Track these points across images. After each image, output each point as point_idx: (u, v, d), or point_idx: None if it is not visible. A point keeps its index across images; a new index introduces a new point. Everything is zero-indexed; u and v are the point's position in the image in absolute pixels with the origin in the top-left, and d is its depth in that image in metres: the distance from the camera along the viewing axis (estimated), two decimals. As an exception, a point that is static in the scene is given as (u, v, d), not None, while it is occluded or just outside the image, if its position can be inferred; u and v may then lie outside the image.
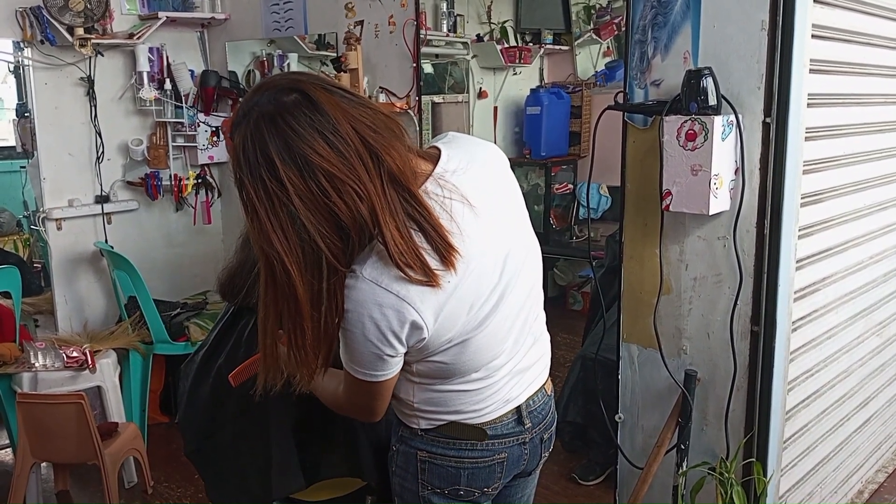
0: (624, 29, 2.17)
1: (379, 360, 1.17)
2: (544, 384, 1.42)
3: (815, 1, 1.89)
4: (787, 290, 1.97)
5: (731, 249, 1.96)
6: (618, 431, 2.29)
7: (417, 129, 3.08)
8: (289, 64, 3.68)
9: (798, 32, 1.82)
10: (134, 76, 3.60)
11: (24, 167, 4.09)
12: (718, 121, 1.84)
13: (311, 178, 1.05)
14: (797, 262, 2.01)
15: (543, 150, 4.32)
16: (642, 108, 2.05)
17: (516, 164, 4.20)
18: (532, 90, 4.38)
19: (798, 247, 2.00)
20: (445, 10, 3.87)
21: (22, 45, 3.31)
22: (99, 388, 2.97)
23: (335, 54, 3.30)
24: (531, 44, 4.45)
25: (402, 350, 1.17)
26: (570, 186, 4.52)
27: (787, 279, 1.96)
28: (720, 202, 1.91)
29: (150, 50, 3.60)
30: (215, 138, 3.82)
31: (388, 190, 1.08)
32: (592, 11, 4.42)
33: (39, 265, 4.18)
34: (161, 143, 3.75)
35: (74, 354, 2.91)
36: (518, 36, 4.41)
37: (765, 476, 2.00)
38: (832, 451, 2.47)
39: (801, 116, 1.88)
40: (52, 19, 3.23)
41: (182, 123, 3.74)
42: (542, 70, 4.61)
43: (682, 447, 2.05)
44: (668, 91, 2.00)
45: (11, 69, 4.06)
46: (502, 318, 1.24)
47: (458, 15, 4.01)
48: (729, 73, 1.90)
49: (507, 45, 4.30)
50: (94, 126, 3.54)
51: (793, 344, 2.07)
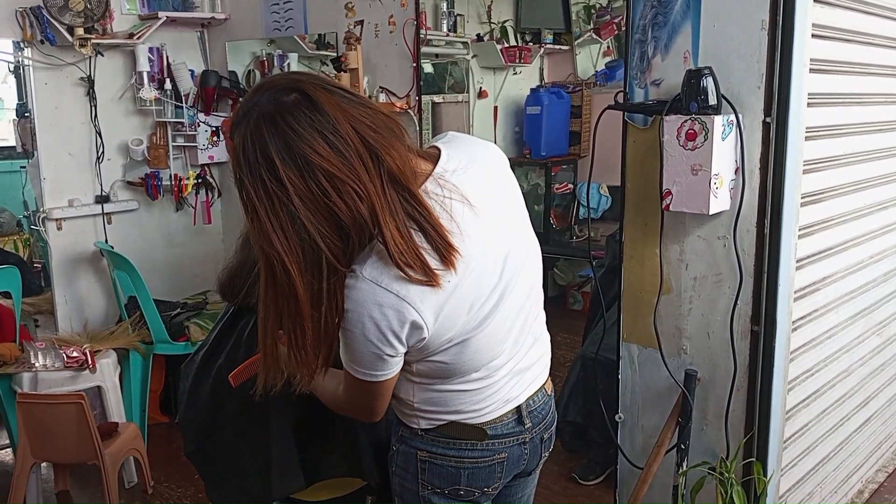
0: (624, 28, 2.17)
1: (379, 359, 1.17)
2: (544, 384, 1.42)
3: (815, 0, 1.89)
4: (787, 290, 1.97)
5: (731, 249, 1.96)
6: (618, 431, 2.29)
7: (417, 128, 3.08)
8: (289, 64, 3.67)
9: (798, 32, 1.82)
10: (134, 76, 3.60)
11: (24, 167, 4.09)
12: (718, 120, 1.84)
13: (311, 178, 1.05)
14: (797, 261, 2.01)
15: (543, 149, 4.32)
16: (642, 107, 2.05)
17: (516, 164, 4.20)
18: (532, 90, 4.38)
19: (798, 246, 2.00)
20: (445, 9, 3.87)
21: (22, 45, 3.31)
22: (99, 388, 2.97)
23: (335, 54, 3.30)
24: (531, 43, 4.45)
25: (402, 350, 1.17)
26: (570, 186, 4.52)
27: (787, 279, 1.96)
28: (720, 202, 1.91)
29: (150, 50, 3.60)
30: (215, 138, 3.82)
31: (388, 190, 1.08)
32: (592, 11, 4.41)
33: (39, 265, 4.18)
34: (161, 143, 3.75)
35: (74, 354, 2.91)
36: (518, 36, 4.40)
37: (765, 476, 2.00)
38: (832, 450, 2.47)
39: (801, 116, 1.88)
40: (52, 19, 3.23)
41: (182, 123, 3.74)
42: (542, 70, 4.61)
43: (682, 447, 2.05)
44: (669, 91, 2.00)
45: (11, 69, 4.06)
46: (502, 317, 1.24)
47: (458, 15, 4.01)
48: (729, 72, 1.90)
49: (507, 45, 4.30)
50: (95, 126, 3.54)
51: (793, 344, 2.07)
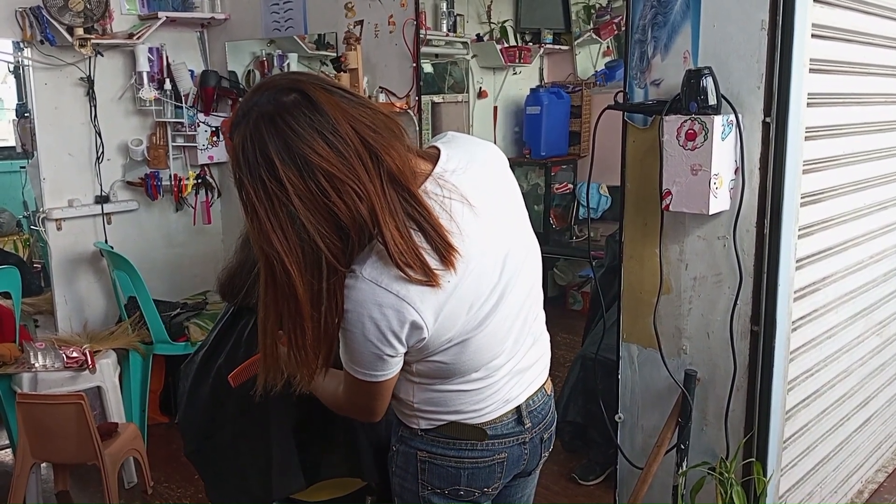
0: (624, 28, 2.17)
1: (379, 360, 1.17)
2: (544, 384, 1.42)
3: (815, 0, 1.89)
4: (786, 290, 1.97)
5: (731, 249, 1.96)
6: (618, 431, 2.29)
7: (417, 128, 3.08)
8: (288, 64, 3.67)
9: (798, 32, 1.82)
10: (134, 76, 3.59)
11: (23, 167, 4.09)
12: (718, 120, 1.84)
13: (310, 178, 1.05)
14: (797, 261, 2.01)
15: (543, 149, 4.31)
16: (642, 107, 2.05)
17: (516, 164, 4.20)
18: (532, 90, 4.38)
19: (798, 246, 2.00)
20: (445, 9, 3.87)
21: (22, 45, 3.31)
22: (99, 388, 2.97)
23: (335, 54, 3.30)
24: (531, 43, 4.45)
25: (402, 350, 1.17)
26: (570, 186, 4.52)
27: (787, 279, 1.96)
28: (720, 202, 1.91)
29: (150, 50, 3.60)
30: (215, 138, 3.82)
31: (388, 190, 1.08)
32: (592, 11, 4.41)
33: (39, 265, 4.18)
34: (161, 143, 3.75)
35: (74, 355, 2.90)
36: (518, 36, 4.40)
37: (765, 476, 2.00)
38: (832, 450, 2.47)
39: (800, 116, 1.88)
40: (51, 19, 3.23)
41: (182, 123, 3.74)
42: (541, 70, 4.61)
43: (682, 447, 2.05)
44: (668, 91, 2.00)
45: (11, 69, 4.06)
46: (502, 317, 1.24)
47: (458, 15, 4.00)
48: (729, 72, 1.90)
49: (506, 45, 4.29)
50: (94, 126, 3.54)
51: (793, 344, 2.07)
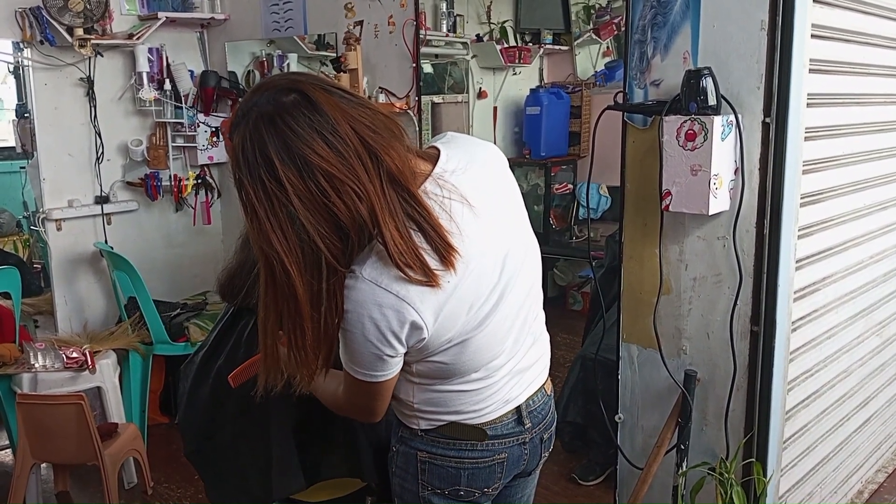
0: (623, 29, 2.17)
1: (379, 360, 1.17)
2: (544, 384, 1.42)
3: (814, 1, 1.89)
4: (786, 290, 1.97)
5: (731, 249, 1.96)
6: (618, 431, 2.29)
7: (417, 129, 3.08)
8: (288, 64, 3.67)
9: (798, 32, 1.82)
10: (133, 77, 3.60)
11: (23, 168, 4.10)
12: (718, 121, 1.84)
13: (310, 179, 1.05)
14: (797, 261, 2.01)
15: (543, 150, 4.31)
16: (642, 108, 2.05)
17: (516, 164, 4.20)
18: (532, 90, 4.37)
19: (798, 247, 2.00)
20: (445, 10, 3.87)
21: (21, 45, 3.31)
22: (99, 388, 2.97)
23: (335, 54, 3.29)
24: (531, 44, 4.45)
25: (402, 350, 1.17)
26: (570, 186, 4.52)
27: (787, 279, 1.96)
28: (720, 202, 1.91)
29: (150, 50, 3.60)
30: (215, 139, 3.82)
31: (388, 190, 1.08)
32: (592, 11, 4.41)
33: (39, 266, 4.19)
34: (161, 144, 3.75)
35: (74, 355, 2.90)
36: (518, 36, 4.40)
37: (765, 476, 2.00)
38: (832, 451, 2.47)
39: (800, 116, 1.88)
40: (51, 20, 3.23)
41: (182, 124, 3.74)
42: (541, 70, 4.61)
43: (682, 447, 2.05)
44: (668, 91, 2.00)
45: (11, 70, 4.07)
46: (502, 317, 1.24)
47: (458, 15, 4.00)
48: (728, 72, 1.90)
49: (506, 45, 4.29)
50: (94, 126, 3.54)
51: (793, 344, 2.07)
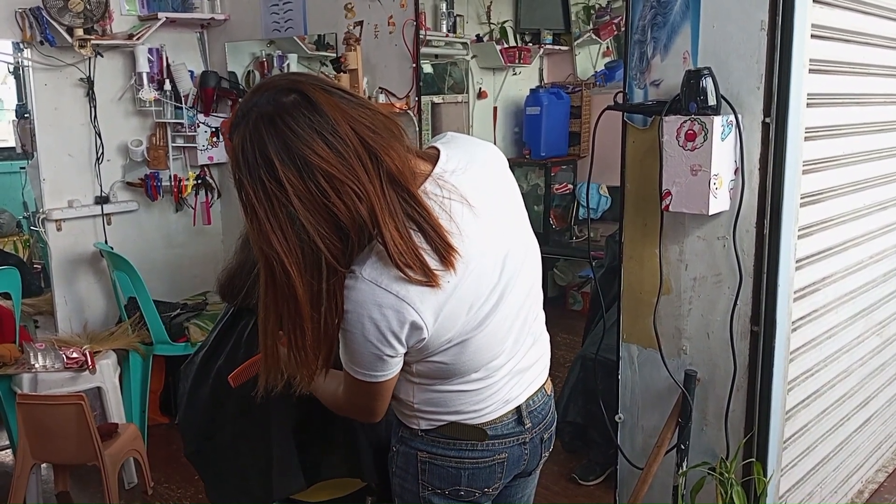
0: (623, 29, 2.17)
1: (379, 360, 1.17)
2: (544, 384, 1.42)
3: (814, 1, 1.89)
4: (786, 290, 1.97)
5: (731, 249, 1.96)
6: (618, 431, 2.29)
7: (417, 129, 3.08)
8: (288, 64, 3.67)
9: (798, 32, 1.82)
10: (133, 77, 3.60)
11: (23, 168, 4.10)
12: (718, 121, 1.84)
13: (310, 179, 1.05)
14: (797, 261, 2.01)
15: (543, 150, 4.31)
16: (642, 108, 2.05)
17: (516, 165, 4.20)
18: (532, 90, 4.37)
19: (798, 247, 2.00)
20: (445, 10, 3.87)
21: (21, 45, 3.31)
22: (99, 388, 2.97)
23: (335, 55, 3.29)
24: (531, 44, 4.45)
25: (402, 350, 1.17)
26: (570, 186, 4.52)
27: (787, 279, 1.96)
28: (720, 202, 1.91)
29: (150, 51, 3.60)
30: (215, 139, 3.82)
31: (388, 190, 1.08)
32: (592, 11, 4.41)
33: (39, 266, 4.19)
34: (161, 144, 3.75)
35: (74, 355, 2.90)
36: (518, 36, 4.40)
37: (765, 476, 2.00)
38: (832, 450, 2.47)
39: (800, 116, 1.88)
40: (51, 20, 3.23)
41: (182, 124, 3.74)
42: (541, 70, 4.61)
43: (682, 447, 2.05)
44: (668, 91, 2.00)
45: (11, 70, 4.06)
46: (502, 318, 1.24)
47: (458, 15, 4.00)
48: (728, 73, 1.90)
49: (506, 46, 4.29)
50: (94, 127, 3.54)
51: (793, 344, 2.07)
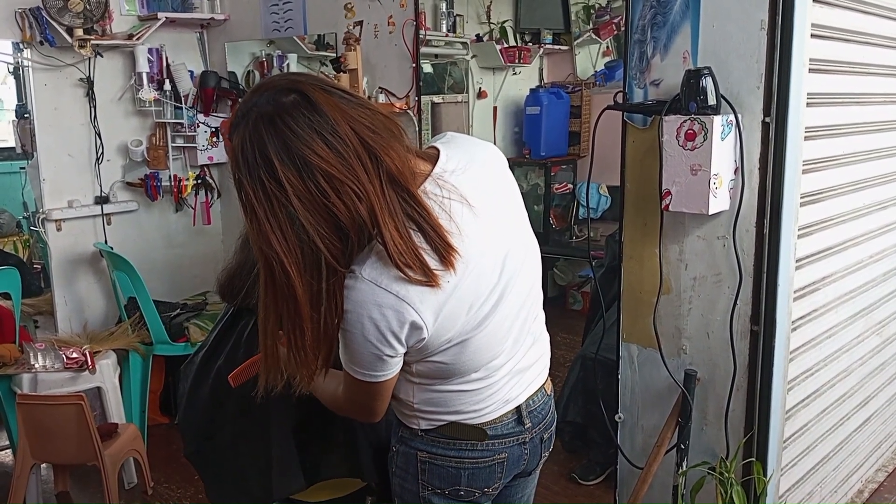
0: (623, 29, 2.17)
1: (378, 360, 1.17)
2: (544, 384, 1.42)
3: (814, 0, 1.89)
4: (786, 290, 1.97)
5: (731, 249, 1.96)
6: (618, 431, 2.29)
7: (417, 129, 3.07)
8: (288, 64, 3.67)
9: (797, 32, 1.82)
10: (133, 77, 3.60)
11: (23, 168, 4.10)
12: (718, 120, 1.84)
13: (309, 179, 1.04)
14: (797, 261, 2.01)
15: (543, 149, 4.31)
16: (642, 107, 2.05)
17: (516, 164, 4.20)
18: (531, 90, 4.37)
19: (798, 246, 2.00)
20: (445, 10, 3.87)
21: (21, 46, 3.31)
22: (99, 388, 2.97)
23: (334, 55, 3.29)
24: (531, 44, 4.45)
25: (402, 350, 1.17)
26: (570, 186, 4.52)
27: (787, 279, 1.96)
28: (720, 202, 1.91)
29: (150, 51, 3.60)
30: (215, 139, 3.82)
31: (387, 190, 1.08)
32: (592, 11, 4.41)
33: (39, 266, 4.19)
34: (160, 144, 3.75)
35: (74, 355, 2.90)
36: (517, 36, 4.40)
37: (765, 476, 2.00)
38: (832, 450, 2.47)
39: (800, 116, 1.88)
40: (51, 20, 3.23)
41: (181, 124, 3.74)
42: (541, 70, 4.61)
43: (682, 447, 2.05)
44: (668, 91, 2.00)
45: (11, 70, 4.06)
46: (502, 317, 1.24)
47: (458, 15, 4.00)
48: (728, 72, 1.90)
49: (506, 45, 4.29)
50: (94, 127, 3.54)
51: (793, 343, 2.07)
